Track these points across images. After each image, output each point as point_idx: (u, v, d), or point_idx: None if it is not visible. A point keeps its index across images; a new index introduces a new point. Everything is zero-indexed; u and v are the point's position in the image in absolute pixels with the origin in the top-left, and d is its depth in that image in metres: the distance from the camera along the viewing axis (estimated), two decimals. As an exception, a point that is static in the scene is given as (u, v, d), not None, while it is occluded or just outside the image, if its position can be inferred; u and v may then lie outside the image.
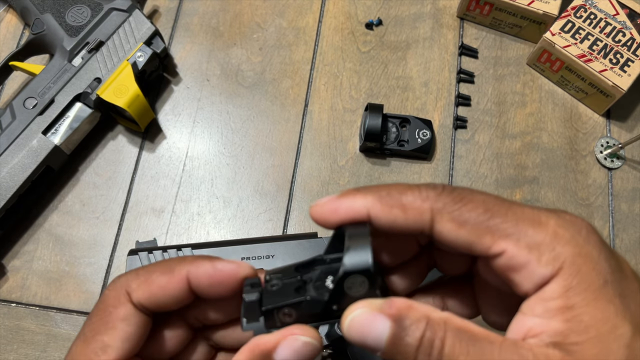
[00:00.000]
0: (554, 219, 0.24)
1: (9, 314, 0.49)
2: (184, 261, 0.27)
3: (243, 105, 0.57)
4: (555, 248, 0.23)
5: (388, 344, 0.23)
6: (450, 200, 0.24)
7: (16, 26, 0.59)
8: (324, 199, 0.26)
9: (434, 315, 0.23)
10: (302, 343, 0.25)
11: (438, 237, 0.24)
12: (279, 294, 0.26)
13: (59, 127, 0.51)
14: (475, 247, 0.24)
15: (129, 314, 0.26)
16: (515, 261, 0.23)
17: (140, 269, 0.27)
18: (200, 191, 0.54)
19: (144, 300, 0.26)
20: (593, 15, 0.57)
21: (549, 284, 0.23)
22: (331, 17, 0.60)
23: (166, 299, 0.27)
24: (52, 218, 0.52)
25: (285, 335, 0.25)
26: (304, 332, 0.25)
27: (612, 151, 0.56)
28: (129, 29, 0.54)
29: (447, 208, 0.24)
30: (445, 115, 0.57)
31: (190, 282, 0.27)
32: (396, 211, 0.25)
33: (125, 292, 0.27)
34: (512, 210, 0.24)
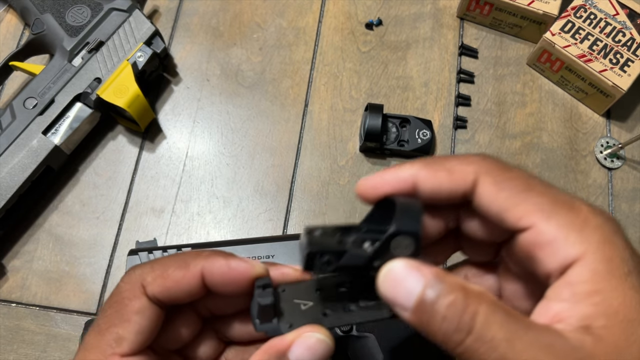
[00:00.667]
0: (587, 206, 0.24)
1: (9, 314, 0.49)
2: (199, 256, 0.27)
3: (243, 105, 0.57)
4: (584, 231, 0.23)
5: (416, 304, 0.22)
6: (495, 167, 0.25)
7: (16, 26, 0.59)
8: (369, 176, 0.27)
9: (471, 287, 0.23)
10: (316, 340, 0.25)
11: (477, 201, 0.25)
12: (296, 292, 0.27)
13: (59, 127, 0.51)
14: (508, 215, 0.24)
15: (144, 307, 0.27)
16: (542, 237, 0.23)
17: (156, 262, 0.28)
18: (200, 191, 0.54)
19: (159, 294, 0.27)
20: (593, 15, 0.57)
21: (575, 267, 0.22)
22: (331, 17, 0.60)
23: (180, 293, 0.27)
24: (52, 218, 0.52)
25: (300, 334, 0.26)
26: (316, 330, 0.26)
27: (612, 151, 0.56)
28: (129, 29, 0.54)
29: (491, 172, 0.25)
30: (445, 115, 0.57)
31: (204, 278, 0.27)
32: (442, 174, 0.25)
33: (141, 285, 0.27)
34: (549, 190, 0.24)
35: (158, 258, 0.28)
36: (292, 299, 0.27)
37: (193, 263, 0.27)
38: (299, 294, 0.27)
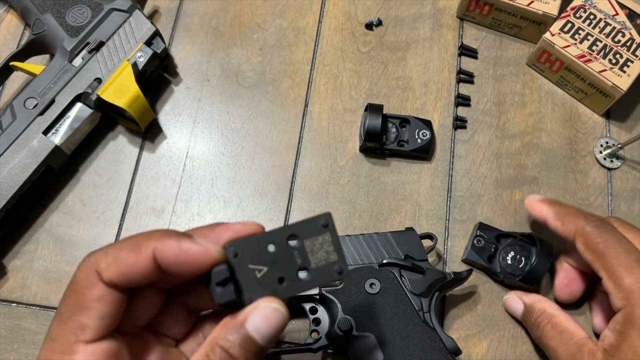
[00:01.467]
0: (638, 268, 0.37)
1: (9, 313, 0.49)
2: (150, 237, 0.27)
3: (243, 105, 0.57)
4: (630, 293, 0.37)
5: (521, 315, 0.47)
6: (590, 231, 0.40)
7: (16, 26, 0.60)
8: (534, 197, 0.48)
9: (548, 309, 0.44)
10: (271, 309, 0.26)
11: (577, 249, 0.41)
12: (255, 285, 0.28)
13: (60, 127, 0.51)
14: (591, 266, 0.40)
15: (103, 294, 0.27)
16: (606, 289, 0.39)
17: (110, 246, 0.28)
18: (200, 191, 0.54)
19: (115, 279, 0.27)
20: (592, 16, 0.57)
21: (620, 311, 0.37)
22: (331, 18, 0.60)
23: (136, 276, 0.27)
24: (53, 218, 0.52)
25: (255, 306, 0.27)
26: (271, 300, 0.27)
27: (611, 151, 0.56)
28: (129, 29, 0.54)
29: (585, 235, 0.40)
30: (445, 115, 0.57)
31: (157, 260, 0.27)
32: (558, 223, 0.44)
33: (96, 272, 0.27)
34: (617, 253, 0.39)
35: (113, 242, 0.28)
36: (246, 264, 0.28)
37: (145, 245, 0.27)
38: (252, 257, 0.28)
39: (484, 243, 0.50)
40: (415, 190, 0.54)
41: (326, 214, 0.29)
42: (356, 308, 0.44)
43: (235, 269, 0.28)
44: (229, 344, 0.26)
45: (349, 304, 0.44)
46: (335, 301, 0.45)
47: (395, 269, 0.45)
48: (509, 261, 0.49)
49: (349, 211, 0.53)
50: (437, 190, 0.54)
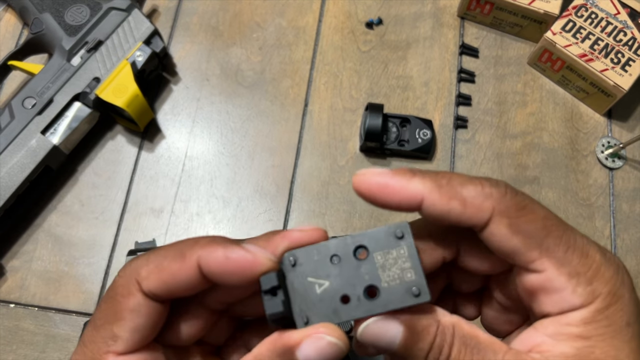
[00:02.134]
0: (599, 254, 0.24)
1: (7, 314, 0.49)
2: (196, 245, 0.25)
3: (243, 105, 0.57)
4: (593, 283, 0.23)
5: (400, 347, 0.24)
6: (513, 205, 0.24)
7: (15, 25, 0.59)
8: (373, 170, 0.25)
9: (444, 320, 0.24)
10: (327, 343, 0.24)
11: (487, 236, 0.24)
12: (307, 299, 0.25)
13: (58, 127, 0.51)
14: (520, 257, 0.24)
15: (139, 305, 0.25)
16: (551, 284, 0.24)
17: (152, 253, 0.26)
18: (199, 191, 0.54)
19: (155, 289, 0.25)
20: (594, 15, 0.57)
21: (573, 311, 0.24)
22: (331, 17, 0.60)
23: (178, 286, 0.25)
24: (51, 218, 0.52)
25: (311, 333, 0.24)
26: (330, 331, 0.24)
27: (613, 151, 0.56)
28: (128, 28, 0.53)
29: (508, 212, 0.24)
30: (446, 115, 0.57)
31: (202, 270, 0.25)
32: (454, 203, 0.24)
33: (135, 280, 0.25)
34: (566, 234, 0.24)
35: (155, 249, 0.26)
36: (305, 276, 0.25)
37: (189, 253, 0.25)
38: (312, 269, 0.25)
39: None
40: (415, 190, 0.54)
41: (402, 224, 0.25)
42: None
43: (292, 280, 0.25)
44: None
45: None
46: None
47: (395, 270, 0.45)
48: None
49: (349, 211, 0.53)
50: (438, 190, 0.54)
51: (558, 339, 0.23)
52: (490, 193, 0.24)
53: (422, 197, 0.24)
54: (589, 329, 0.23)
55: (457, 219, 0.24)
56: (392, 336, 0.24)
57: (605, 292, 0.23)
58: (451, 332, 0.24)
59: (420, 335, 0.24)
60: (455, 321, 0.24)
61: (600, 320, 0.23)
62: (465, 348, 0.23)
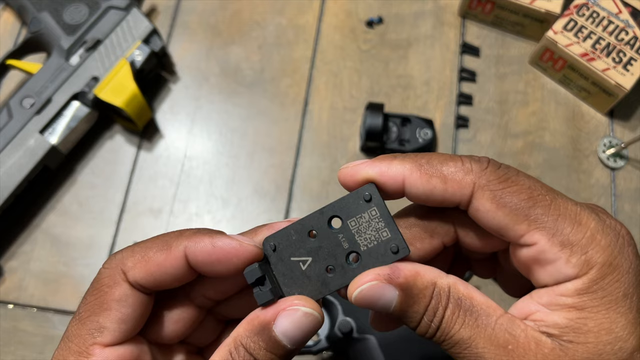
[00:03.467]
0: (595, 221, 0.23)
1: (6, 315, 0.49)
2: (181, 235, 0.26)
3: (242, 104, 0.56)
4: (588, 252, 0.23)
5: (396, 310, 0.24)
6: (495, 179, 0.23)
7: (13, 25, 0.59)
8: (355, 161, 0.25)
9: (440, 282, 0.24)
10: (302, 314, 0.24)
11: (473, 213, 0.24)
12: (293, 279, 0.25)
13: (56, 127, 0.50)
14: (508, 232, 0.23)
15: (125, 295, 0.25)
16: (544, 256, 0.23)
17: (137, 245, 0.26)
18: (198, 191, 0.53)
19: (141, 279, 0.25)
20: (596, 14, 0.56)
21: (568, 282, 0.23)
22: (331, 15, 0.60)
23: (164, 277, 0.25)
24: (49, 218, 0.52)
25: (284, 306, 0.24)
26: (304, 302, 0.24)
27: (615, 151, 0.55)
28: (126, 27, 0.53)
29: (490, 186, 0.23)
30: (447, 114, 0.57)
31: (189, 260, 0.25)
32: (435, 181, 0.24)
33: (121, 270, 0.25)
34: (555, 202, 0.23)
35: (140, 241, 0.26)
36: (288, 257, 0.25)
37: (175, 243, 0.25)
38: (293, 248, 0.25)
39: None
40: (416, 190, 0.54)
41: (368, 186, 0.25)
42: (356, 310, 0.44)
43: (276, 264, 0.26)
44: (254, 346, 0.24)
45: (350, 306, 0.44)
46: (335, 303, 0.44)
47: (396, 271, 0.45)
48: None
49: (349, 211, 0.53)
50: (439, 190, 0.54)
51: (552, 309, 0.23)
52: (471, 168, 0.24)
53: (402, 178, 0.24)
54: (583, 299, 0.22)
55: (441, 197, 0.24)
56: (388, 300, 0.24)
57: (600, 262, 0.22)
58: (446, 294, 0.24)
59: (416, 299, 0.24)
60: (452, 282, 0.24)
61: (595, 291, 0.22)
62: (458, 309, 0.23)
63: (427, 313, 0.24)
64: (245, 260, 0.25)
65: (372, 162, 0.25)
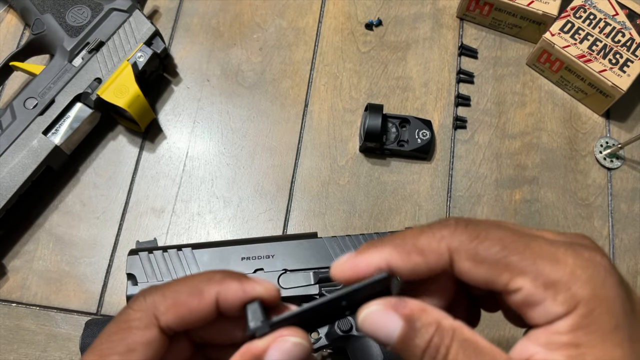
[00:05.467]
0: (572, 257, 0.24)
1: (9, 314, 0.49)
2: (211, 280, 0.27)
3: (243, 105, 0.57)
4: (572, 288, 0.23)
5: (398, 341, 0.24)
6: (466, 238, 0.24)
7: (16, 26, 0.60)
8: (343, 258, 0.26)
9: (444, 322, 0.24)
10: (291, 344, 0.25)
11: (458, 275, 0.25)
12: None
13: (60, 127, 0.51)
14: (494, 284, 0.24)
15: (153, 339, 0.26)
16: (531, 298, 0.24)
17: (166, 288, 0.27)
18: (200, 191, 0.54)
19: (173, 324, 0.26)
20: (592, 16, 0.57)
21: (559, 320, 0.23)
22: (331, 18, 0.60)
23: (194, 321, 0.26)
24: (53, 218, 0.52)
25: (275, 338, 0.25)
26: (293, 333, 0.26)
27: (611, 151, 0.56)
28: (129, 29, 0.54)
29: (464, 246, 0.24)
30: (445, 115, 0.57)
31: (219, 305, 0.26)
32: (415, 257, 0.25)
33: (153, 315, 0.26)
34: (529, 247, 0.24)
35: (166, 283, 0.27)
36: None
37: (207, 289, 0.26)
38: None
39: None
40: (415, 190, 0.54)
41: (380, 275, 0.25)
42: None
43: None
44: None
45: (349, 304, 0.44)
46: (335, 301, 0.44)
47: (395, 269, 0.45)
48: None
49: (349, 211, 0.53)
50: (437, 191, 0.54)
51: (550, 349, 0.24)
52: (442, 235, 0.25)
53: (387, 262, 0.25)
54: (577, 335, 0.23)
55: (426, 269, 0.25)
56: (391, 330, 0.24)
57: (586, 296, 0.23)
58: (450, 335, 0.24)
59: (419, 332, 0.24)
60: (457, 326, 0.24)
61: (587, 325, 0.23)
62: (463, 351, 0.24)
63: (429, 349, 0.24)
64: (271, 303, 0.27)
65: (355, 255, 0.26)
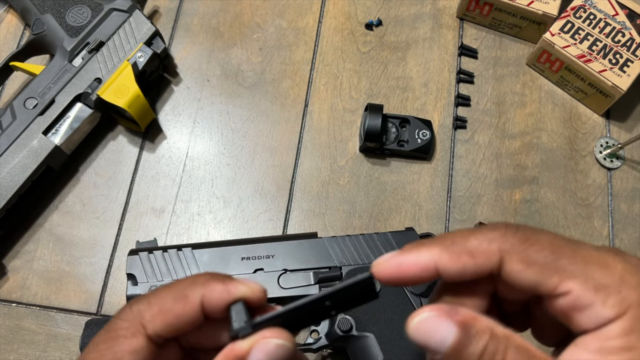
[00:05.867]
0: (621, 263, 0.24)
1: (9, 314, 0.49)
2: (195, 284, 0.27)
3: (243, 105, 0.57)
4: (622, 292, 0.23)
5: (451, 349, 0.24)
6: (517, 241, 0.25)
7: (16, 26, 0.60)
8: (385, 256, 0.26)
9: (497, 330, 0.24)
10: (274, 345, 0.25)
11: (506, 278, 0.25)
12: None
13: (60, 128, 0.51)
14: (542, 286, 0.24)
15: (140, 347, 0.26)
16: (580, 302, 0.24)
17: (152, 296, 0.27)
18: (200, 191, 0.54)
19: (161, 331, 0.26)
20: (592, 16, 0.57)
21: (610, 324, 0.23)
22: (331, 18, 0.60)
23: (182, 326, 0.26)
24: (53, 218, 0.52)
25: (258, 339, 0.25)
26: (276, 334, 0.25)
27: (611, 151, 0.56)
28: (129, 29, 0.54)
29: (515, 249, 0.25)
30: (445, 115, 0.57)
31: (205, 308, 0.26)
32: (465, 258, 0.25)
33: (140, 324, 0.26)
34: (579, 252, 0.24)
35: (152, 291, 0.27)
36: None
37: (191, 293, 0.26)
38: None
39: None
40: (415, 190, 0.54)
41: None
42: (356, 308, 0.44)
43: None
44: None
45: (349, 304, 0.44)
46: (335, 301, 0.45)
47: (395, 269, 0.45)
48: None
49: (349, 211, 0.53)
50: (437, 190, 0.54)
51: (603, 354, 0.23)
52: (492, 237, 0.25)
53: (434, 263, 0.25)
54: (631, 339, 0.23)
55: (473, 271, 0.25)
56: (443, 336, 0.24)
57: (636, 300, 0.23)
58: (505, 342, 0.24)
59: (474, 340, 0.24)
60: (509, 333, 0.24)
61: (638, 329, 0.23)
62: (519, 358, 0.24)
63: (484, 357, 0.23)
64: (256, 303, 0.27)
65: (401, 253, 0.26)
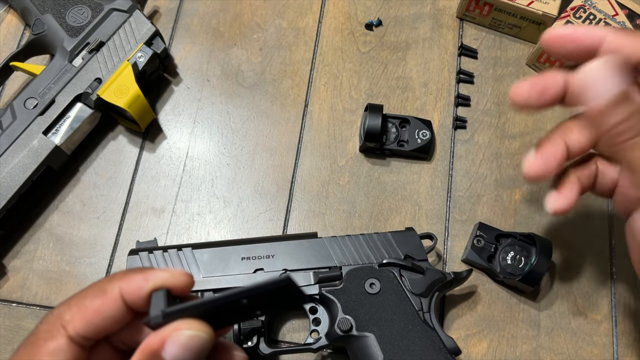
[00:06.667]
0: None
1: (9, 313, 0.49)
2: (113, 279, 0.26)
3: (243, 105, 0.57)
4: None
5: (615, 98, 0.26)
6: None
7: (17, 26, 0.60)
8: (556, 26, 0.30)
9: None
10: (186, 337, 0.24)
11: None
12: None
13: (60, 128, 0.51)
14: None
15: (59, 348, 0.25)
16: None
17: (72, 298, 0.27)
18: (200, 191, 0.54)
19: (81, 330, 0.25)
20: (592, 16, 0.57)
21: None
22: (331, 18, 0.60)
23: (104, 322, 0.26)
24: (53, 218, 0.53)
25: (169, 332, 0.25)
26: (189, 325, 0.25)
27: (611, 151, 0.56)
28: (129, 29, 0.54)
29: None
30: (445, 115, 0.57)
31: (126, 300, 0.26)
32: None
33: (60, 325, 0.26)
34: None
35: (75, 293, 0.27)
36: None
37: (109, 287, 0.26)
38: None
39: (484, 243, 0.50)
40: (415, 190, 0.54)
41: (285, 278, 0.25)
42: (356, 308, 0.44)
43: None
44: None
45: (349, 304, 0.44)
46: (335, 301, 0.45)
47: (395, 269, 0.45)
48: (508, 261, 0.49)
49: (349, 211, 0.53)
50: (437, 190, 0.54)
51: None
52: None
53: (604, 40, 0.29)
54: None
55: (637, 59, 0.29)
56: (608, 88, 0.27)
57: None
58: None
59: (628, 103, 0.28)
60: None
61: None
62: None
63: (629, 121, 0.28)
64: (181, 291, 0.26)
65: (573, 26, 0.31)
